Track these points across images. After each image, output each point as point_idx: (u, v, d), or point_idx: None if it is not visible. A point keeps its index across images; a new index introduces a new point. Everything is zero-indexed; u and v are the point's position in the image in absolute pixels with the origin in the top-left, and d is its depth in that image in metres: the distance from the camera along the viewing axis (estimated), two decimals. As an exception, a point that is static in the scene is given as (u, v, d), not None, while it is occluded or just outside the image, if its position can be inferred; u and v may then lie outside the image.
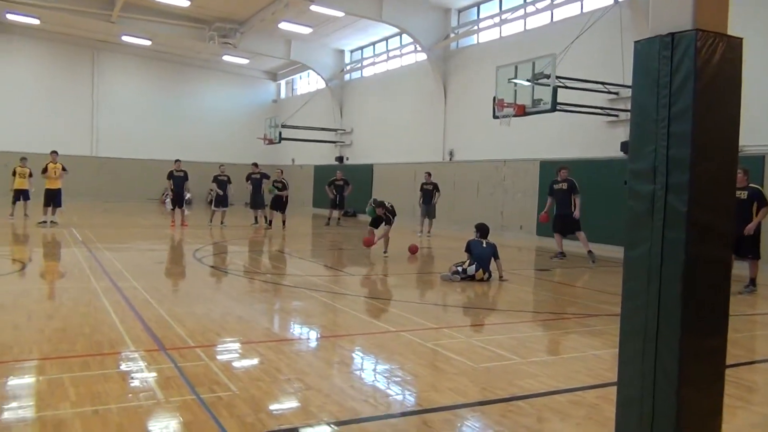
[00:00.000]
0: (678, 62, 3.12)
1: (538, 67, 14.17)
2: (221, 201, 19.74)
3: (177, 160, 19.47)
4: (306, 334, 6.76)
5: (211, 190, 21.97)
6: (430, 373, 5.21)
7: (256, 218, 20.27)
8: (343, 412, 4.19)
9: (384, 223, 13.10)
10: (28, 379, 4.71)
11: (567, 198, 13.39)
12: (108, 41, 30.67)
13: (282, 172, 20.71)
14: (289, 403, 4.46)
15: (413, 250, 13.63)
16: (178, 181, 18.85)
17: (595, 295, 9.64)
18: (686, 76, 3.09)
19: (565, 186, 13.47)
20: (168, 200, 21.25)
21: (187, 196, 19.30)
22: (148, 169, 31.58)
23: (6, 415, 3.98)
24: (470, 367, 5.35)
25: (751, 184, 9.58)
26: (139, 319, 6.65)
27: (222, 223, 19.58)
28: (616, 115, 16.01)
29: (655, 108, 3.23)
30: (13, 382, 4.63)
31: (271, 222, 19.16)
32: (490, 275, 10.17)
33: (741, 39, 3.20)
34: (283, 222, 19.22)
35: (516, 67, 14.72)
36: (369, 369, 5.48)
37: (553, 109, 14.10)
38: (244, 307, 7.91)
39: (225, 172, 19.90)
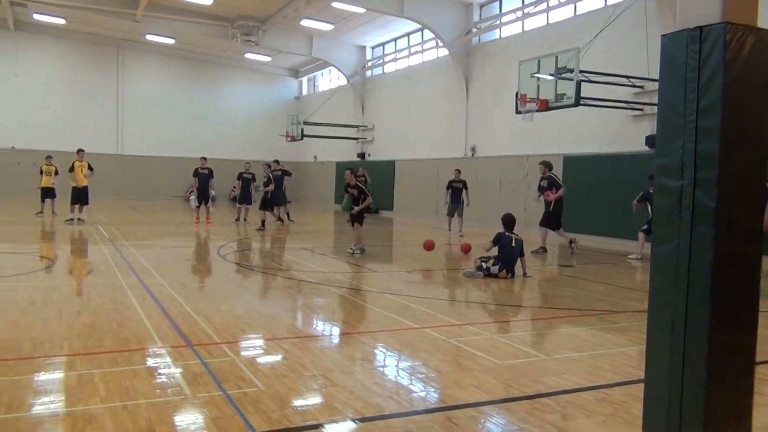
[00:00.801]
0: (706, 56, 3.07)
1: (562, 61, 14.08)
2: (244, 198, 19.93)
3: (203, 158, 19.65)
4: (330, 331, 6.79)
5: (235, 187, 22.05)
6: (454, 370, 5.20)
7: (279, 217, 20.34)
8: (367, 409, 4.21)
9: (361, 202, 12.49)
10: (59, 375, 4.80)
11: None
12: (132, 40, 31.08)
13: (270, 166, 19.18)
14: (314, 399, 4.49)
15: (428, 246, 12.69)
16: (203, 178, 19.04)
17: (621, 291, 9.54)
18: (715, 70, 3.04)
19: (545, 183, 14.04)
20: (193, 197, 21.48)
21: (212, 193, 19.46)
22: (172, 166, 31.94)
23: (38, 409, 4.07)
24: (494, 363, 5.34)
25: None
26: (166, 316, 6.74)
27: (245, 219, 19.74)
28: (641, 109, 15.80)
29: (682, 102, 3.18)
30: (45, 377, 4.73)
31: (263, 222, 17.81)
32: (513, 274, 10.11)
33: (772, 31, 3.14)
34: (262, 222, 17.70)
35: (539, 62, 14.63)
36: (393, 366, 5.49)
37: (577, 104, 14.02)
38: (268, 304, 7.98)
39: (250, 170, 20.09)
